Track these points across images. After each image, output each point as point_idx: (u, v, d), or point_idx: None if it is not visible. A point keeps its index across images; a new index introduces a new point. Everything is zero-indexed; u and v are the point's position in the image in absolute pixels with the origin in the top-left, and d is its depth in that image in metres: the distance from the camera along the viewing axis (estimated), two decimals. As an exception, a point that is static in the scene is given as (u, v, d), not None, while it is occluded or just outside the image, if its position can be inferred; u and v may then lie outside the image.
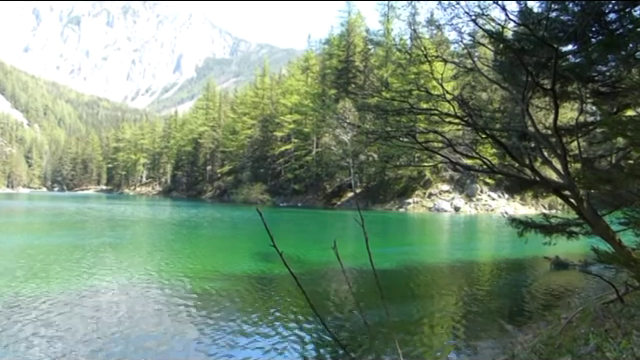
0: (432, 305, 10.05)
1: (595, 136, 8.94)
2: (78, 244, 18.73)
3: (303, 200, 62.13)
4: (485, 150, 19.02)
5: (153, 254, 16.80)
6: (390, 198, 53.40)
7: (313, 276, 12.88)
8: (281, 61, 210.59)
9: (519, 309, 9.92)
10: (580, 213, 6.96)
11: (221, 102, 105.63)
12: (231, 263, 14.97)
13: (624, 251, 6.54)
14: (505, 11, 6.51)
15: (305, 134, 66.84)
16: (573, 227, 7.88)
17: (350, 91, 58.19)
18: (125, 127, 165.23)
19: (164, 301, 9.71)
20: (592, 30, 6.79)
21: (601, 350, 4.76)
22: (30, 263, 13.96)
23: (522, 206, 48.13)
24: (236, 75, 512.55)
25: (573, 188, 6.71)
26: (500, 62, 8.01)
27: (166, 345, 7.13)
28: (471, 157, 8.56)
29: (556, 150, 7.10)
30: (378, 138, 9.55)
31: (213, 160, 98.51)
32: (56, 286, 10.85)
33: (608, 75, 7.59)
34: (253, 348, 7.04)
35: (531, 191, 9.25)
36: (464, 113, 8.10)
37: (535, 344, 6.40)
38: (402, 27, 66.79)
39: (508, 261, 16.76)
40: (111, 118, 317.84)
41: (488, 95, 48.31)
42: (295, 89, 72.76)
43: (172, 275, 12.51)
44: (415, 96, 9.80)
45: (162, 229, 27.87)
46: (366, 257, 2.44)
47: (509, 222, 8.46)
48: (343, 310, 9.38)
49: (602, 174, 6.85)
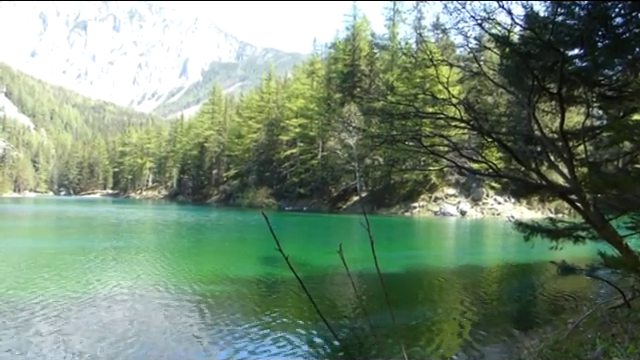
0: (438, 309, 10.02)
1: (602, 140, 8.91)
2: (85, 248, 18.79)
3: (308, 204, 62.11)
4: (491, 154, 19.03)
5: (160, 258, 16.81)
6: (396, 202, 53.31)
7: (319, 280, 12.87)
8: (287, 65, 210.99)
9: (525, 313, 9.87)
10: (587, 217, 6.93)
11: (227, 106, 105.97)
12: (237, 267, 14.97)
13: (631, 256, 6.51)
14: (511, 15, 6.51)
15: (311, 138, 66.89)
16: (580, 231, 7.84)
17: (356, 95, 58.24)
18: (131, 131, 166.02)
19: (170, 304, 9.72)
20: (598, 34, 6.77)
21: (608, 355, 4.74)
22: (37, 267, 14.02)
23: (528, 210, 47.94)
24: (242, 79, 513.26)
25: (580, 192, 6.69)
26: (506, 66, 8.00)
27: (172, 348, 7.14)
28: (477, 161, 8.54)
29: (562, 154, 7.08)
30: (384, 142, 9.57)
31: (219, 164, 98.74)
32: (63, 289, 10.87)
33: (614, 79, 7.57)
34: (259, 352, 7.03)
35: (537, 195, 9.23)
36: (470, 117, 8.10)
37: (542, 349, 6.37)
38: (408, 31, 66.75)
39: (514, 265, 16.70)
40: (117, 122, 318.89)
41: (494, 99, 48.25)
42: (301, 93, 72.89)
43: (178, 278, 12.53)
44: (421, 100, 9.80)
45: (168, 233, 27.93)
46: (372, 261, 2.44)
47: (515, 226, 8.42)
48: (349, 314, 9.37)
49: (609, 178, 6.83)
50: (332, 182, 62.01)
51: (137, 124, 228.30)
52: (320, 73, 75.06)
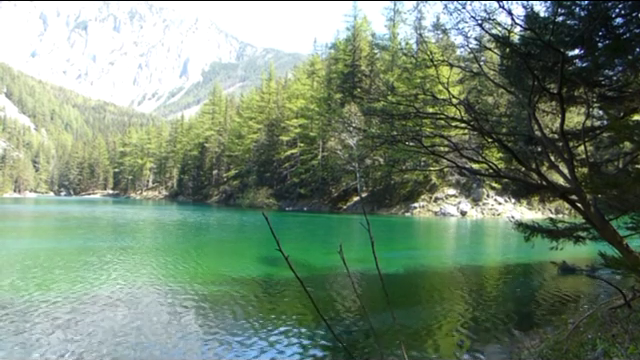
0: (438, 309, 10.02)
1: (602, 140, 8.92)
2: (86, 248, 18.81)
3: (309, 204, 62.11)
4: (491, 154, 19.01)
5: (161, 258, 16.82)
6: (396, 202, 53.30)
7: (319, 280, 12.87)
8: (287, 65, 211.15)
9: (526, 314, 9.87)
10: (587, 218, 6.93)
11: (227, 106, 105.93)
12: (237, 267, 14.97)
13: (631, 256, 6.51)
14: (511, 15, 6.51)
15: (311, 138, 66.89)
16: (580, 232, 7.84)
17: (356, 95, 58.19)
18: (132, 131, 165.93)
19: (171, 304, 9.73)
20: (599, 34, 6.78)
21: (608, 355, 4.74)
22: (39, 267, 14.02)
23: (529, 210, 47.94)
24: (242, 79, 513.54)
25: (580, 193, 6.69)
26: (506, 66, 8.00)
27: (173, 348, 7.15)
28: (477, 161, 8.53)
29: (563, 154, 7.08)
30: (384, 142, 9.57)
31: (219, 164, 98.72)
32: (64, 290, 10.88)
33: (615, 79, 7.58)
34: (259, 352, 7.04)
35: (538, 195, 9.23)
36: (470, 117, 8.10)
37: (542, 349, 6.38)
38: (408, 31, 66.91)
39: (515, 266, 16.69)
40: (118, 123, 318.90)
41: (494, 99, 48.22)
42: (301, 93, 72.88)
43: (179, 278, 12.54)
44: (421, 100, 9.78)
45: (169, 233, 27.93)
46: (372, 261, 2.45)
47: (516, 226, 8.43)
48: (349, 314, 9.37)
49: (609, 178, 6.82)
50: (332, 182, 62.01)
51: (137, 124, 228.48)
52: (320, 73, 75.05)
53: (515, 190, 10.10)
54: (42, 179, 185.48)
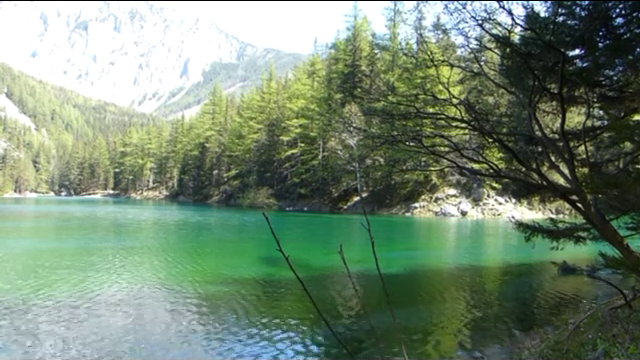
0: (439, 310, 10.02)
1: (602, 140, 8.91)
2: (88, 248, 18.83)
3: (309, 204, 62.09)
4: (492, 154, 19.00)
5: (162, 258, 16.83)
6: (396, 202, 53.28)
7: (319, 280, 12.88)
8: (287, 65, 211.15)
9: (526, 314, 9.87)
10: (587, 218, 6.93)
11: (227, 106, 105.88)
12: (238, 267, 14.97)
13: (632, 256, 6.51)
14: (512, 15, 6.51)
15: (311, 138, 66.86)
16: (580, 232, 7.84)
17: (356, 95, 58.16)
18: (132, 132, 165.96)
19: (171, 304, 9.74)
20: (599, 34, 6.78)
21: (609, 355, 4.74)
22: (41, 267, 14.04)
23: (529, 210, 47.91)
24: (242, 79, 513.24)
25: (580, 193, 6.68)
26: (507, 66, 8.00)
27: (175, 348, 7.15)
28: (478, 161, 8.53)
29: (563, 154, 7.08)
30: (384, 142, 9.57)
31: (219, 164, 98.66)
32: (67, 290, 10.89)
33: (615, 79, 7.58)
34: (259, 352, 7.04)
35: (538, 196, 9.23)
36: (471, 117, 8.10)
37: (542, 349, 6.37)
38: (408, 31, 66.76)
39: (515, 266, 16.69)
40: (118, 123, 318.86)
41: (495, 99, 48.24)
42: (301, 93, 72.83)
43: (180, 278, 12.55)
44: (421, 100, 9.78)
45: (170, 233, 27.94)
46: (372, 261, 2.44)
47: (516, 227, 8.42)
48: (349, 314, 9.38)
49: (610, 179, 6.82)
50: (333, 182, 61.99)
51: (138, 124, 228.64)
52: (321, 73, 75.00)
53: (515, 190, 10.10)
54: (42, 179, 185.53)
